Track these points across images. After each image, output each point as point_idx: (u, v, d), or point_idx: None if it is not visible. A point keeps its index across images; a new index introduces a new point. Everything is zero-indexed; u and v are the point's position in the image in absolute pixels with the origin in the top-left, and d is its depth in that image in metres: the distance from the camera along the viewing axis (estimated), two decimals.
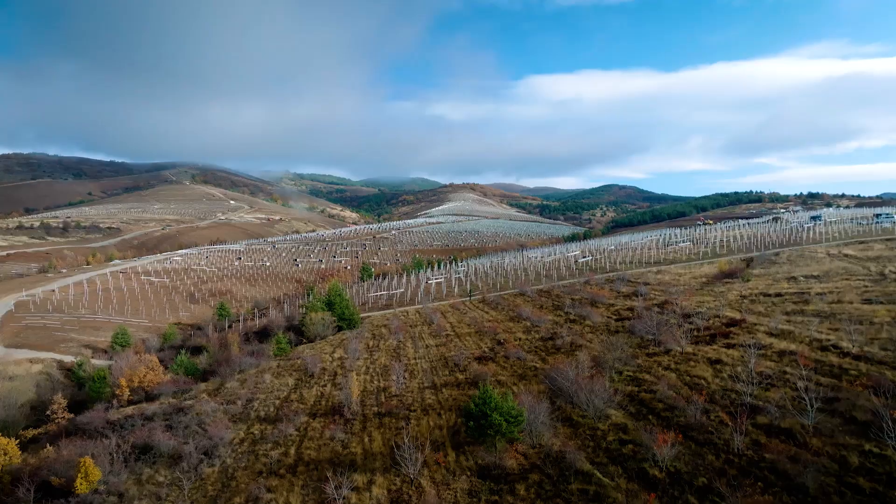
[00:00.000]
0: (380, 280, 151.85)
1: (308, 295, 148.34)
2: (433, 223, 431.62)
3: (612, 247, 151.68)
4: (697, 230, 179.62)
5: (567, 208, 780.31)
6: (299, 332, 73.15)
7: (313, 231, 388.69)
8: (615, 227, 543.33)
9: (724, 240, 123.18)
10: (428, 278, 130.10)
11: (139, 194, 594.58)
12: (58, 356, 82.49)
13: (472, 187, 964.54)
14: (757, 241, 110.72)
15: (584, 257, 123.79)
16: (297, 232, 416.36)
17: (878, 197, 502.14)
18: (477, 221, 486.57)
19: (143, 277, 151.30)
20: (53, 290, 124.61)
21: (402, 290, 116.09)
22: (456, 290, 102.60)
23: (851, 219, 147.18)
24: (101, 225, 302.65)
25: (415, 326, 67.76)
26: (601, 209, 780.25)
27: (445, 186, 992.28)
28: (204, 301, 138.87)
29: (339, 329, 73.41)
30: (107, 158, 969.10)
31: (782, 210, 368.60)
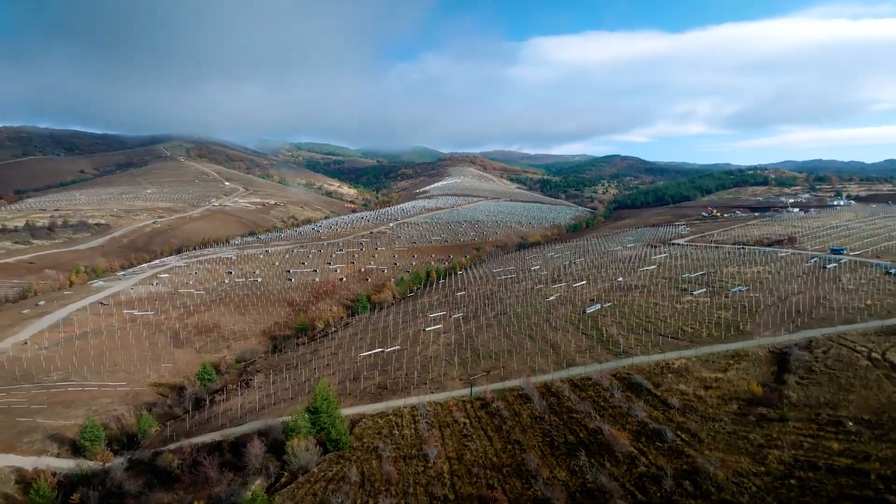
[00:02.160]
0: (375, 315, 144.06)
1: (299, 333, 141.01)
2: (432, 210, 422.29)
3: (621, 278, 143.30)
4: (710, 245, 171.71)
5: (569, 184, 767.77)
6: (281, 456, 65.32)
7: (308, 223, 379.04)
8: (617, 208, 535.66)
9: (744, 290, 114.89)
10: (426, 326, 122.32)
11: (132, 173, 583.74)
12: (18, 460, 75.16)
13: (472, 160, 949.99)
14: (782, 301, 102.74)
15: (593, 306, 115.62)
16: (294, 218, 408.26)
17: (886, 179, 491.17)
18: (476, 205, 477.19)
19: (125, 312, 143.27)
20: (25, 343, 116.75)
21: (398, 346, 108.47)
22: (456, 359, 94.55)
23: (877, 257, 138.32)
24: (89, 221, 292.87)
25: (409, 461, 60.00)
26: (603, 185, 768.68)
27: (444, 160, 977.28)
28: (189, 343, 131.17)
29: (325, 451, 65.74)
30: (100, 132, 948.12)
31: (790, 202, 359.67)
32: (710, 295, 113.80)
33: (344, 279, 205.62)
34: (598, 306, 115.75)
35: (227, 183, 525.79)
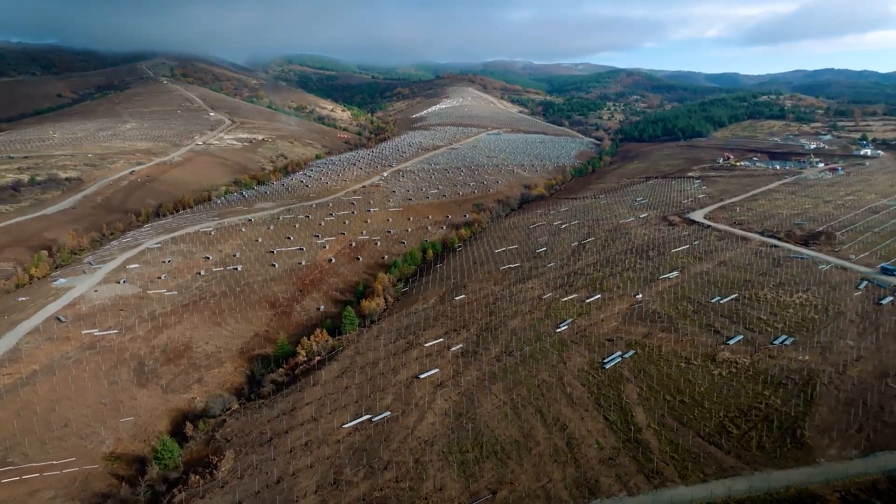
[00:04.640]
0: (363, 340, 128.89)
1: (279, 360, 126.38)
2: (429, 149, 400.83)
3: (640, 295, 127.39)
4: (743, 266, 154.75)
5: (572, 108, 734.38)
6: None
7: (298, 166, 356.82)
8: (624, 139, 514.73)
9: (789, 342, 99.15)
10: (420, 370, 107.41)
11: (112, 100, 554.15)
12: None
13: (472, 79, 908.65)
14: (839, 375, 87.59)
15: (613, 357, 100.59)
16: (283, 157, 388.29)
17: None
18: (476, 139, 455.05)
19: (83, 332, 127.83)
20: None
21: (388, 411, 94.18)
22: (455, 456, 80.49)
23: None
24: (59, 175, 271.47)
25: None
26: (608, 108, 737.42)
27: (443, 78, 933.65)
28: (155, 378, 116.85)
29: None
30: (80, 46, 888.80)
31: (812, 147, 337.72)
32: (749, 350, 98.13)
33: (333, 259, 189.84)
34: (619, 356, 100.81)
35: (212, 113, 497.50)
